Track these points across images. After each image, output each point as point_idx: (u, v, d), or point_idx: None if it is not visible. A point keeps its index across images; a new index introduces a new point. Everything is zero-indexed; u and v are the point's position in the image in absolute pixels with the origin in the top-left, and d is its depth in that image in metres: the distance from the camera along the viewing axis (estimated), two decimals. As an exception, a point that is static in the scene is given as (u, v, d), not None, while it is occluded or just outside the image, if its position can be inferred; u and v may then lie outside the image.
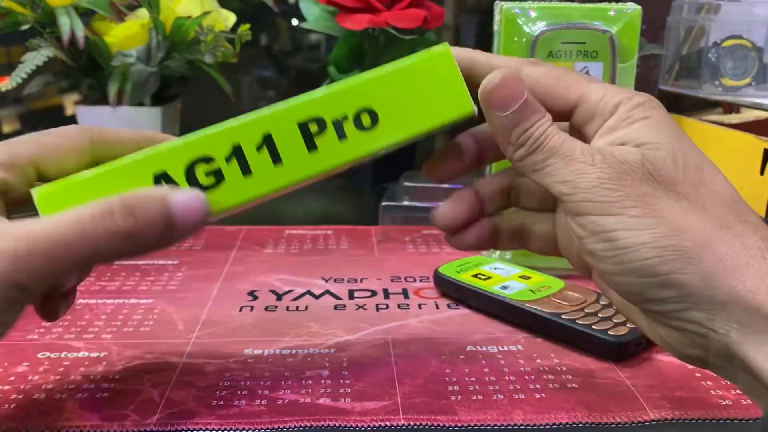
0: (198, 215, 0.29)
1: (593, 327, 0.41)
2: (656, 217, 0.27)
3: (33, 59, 0.72)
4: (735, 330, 0.26)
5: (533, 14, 0.50)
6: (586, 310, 0.43)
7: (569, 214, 0.29)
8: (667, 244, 0.27)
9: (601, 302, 0.44)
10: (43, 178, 0.31)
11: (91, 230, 0.27)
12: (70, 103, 1.01)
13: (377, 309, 0.47)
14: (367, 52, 0.79)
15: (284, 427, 0.33)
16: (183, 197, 0.29)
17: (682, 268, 0.26)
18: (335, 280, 0.52)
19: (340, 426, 0.33)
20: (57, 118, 1.03)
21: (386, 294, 0.50)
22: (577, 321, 0.41)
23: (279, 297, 0.49)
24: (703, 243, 0.26)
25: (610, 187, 0.28)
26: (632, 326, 0.41)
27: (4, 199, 0.30)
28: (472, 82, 0.31)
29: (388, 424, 0.33)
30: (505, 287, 0.46)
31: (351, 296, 0.50)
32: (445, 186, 0.77)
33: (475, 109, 0.32)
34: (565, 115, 0.31)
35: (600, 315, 0.42)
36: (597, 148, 0.29)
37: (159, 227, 0.28)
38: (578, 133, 0.31)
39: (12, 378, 0.38)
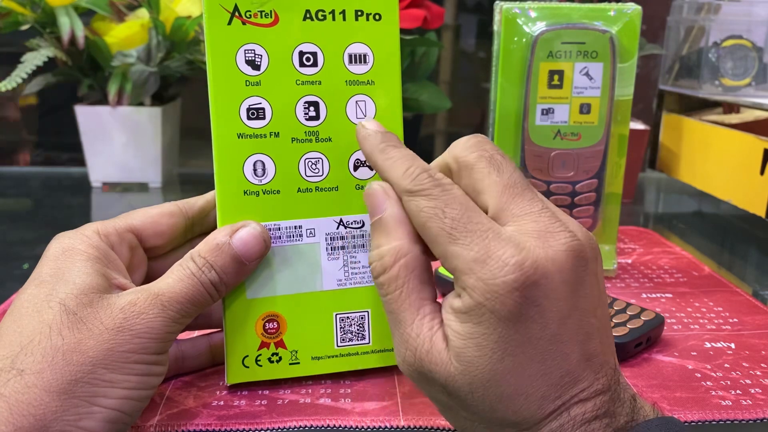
0: (259, 246, 0.33)
1: (593, 327, 0.41)
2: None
3: (33, 59, 0.72)
4: None
5: (533, 14, 0.50)
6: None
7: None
8: None
9: (601, 302, 0.44)
10: (144, 245, 0.35)
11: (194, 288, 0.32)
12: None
13: (377, 309, 0.47)
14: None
15: (284, 427, 0.33)
16: (240, 236, 0.33)
17: None
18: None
19: (340, 426, 0.33)
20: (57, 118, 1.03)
21: (386, 294, 0.50)
22: (577, 321, 0.41)
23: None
24: None
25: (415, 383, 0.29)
26: (632, 326, 0.41)
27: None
28: None
29: (387, 425, 0.33)
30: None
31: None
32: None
33: None
34: None
35: (600, 315, 0.42)
36: (424, 332, 0.28)
37: (235, 269, 0.33)
38: None
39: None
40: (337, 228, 0.36)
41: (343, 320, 0.37)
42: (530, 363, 0.26)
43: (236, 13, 0.33)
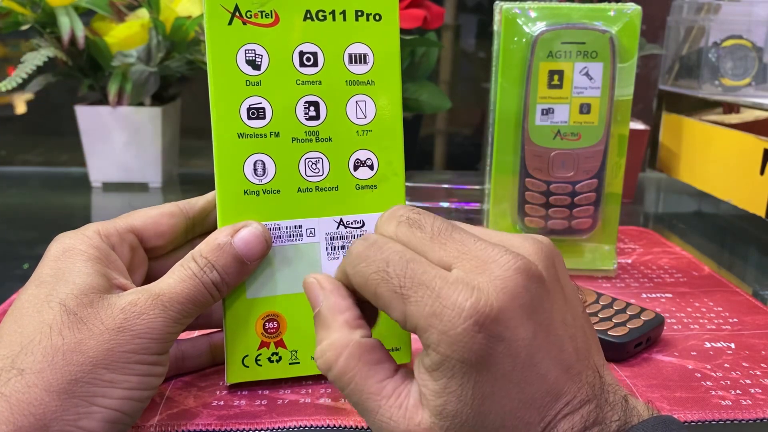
0: (260, 245, 0.34)
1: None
2: None
3: (33, 59, 0.72)
4: None
5: (533, 14, 0.50)
6: (586, 311, 0.43)
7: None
8: None
9: (601, 302, 0.44)
10: (145, 245, 0.35)
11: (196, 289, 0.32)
12: (21, 102, 0.99)
13: (377, 309, 0.47)
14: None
15: (284, 427, 0.33)
16: (241, 236, 0.33)
17: None
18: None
19: (340, 426, 0.33)
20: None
21: (386, 294, 0.50)
22: (577, 321, 0.41)
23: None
24: None
25: None
26: (632, 326, 0.41)
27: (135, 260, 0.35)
28: None
29: (388, 424, 0.33)
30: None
31: (351, 296, 0.49)
32: (446, 186, 0.77)
33: None
34: None
35: (600, 315, 0.42)
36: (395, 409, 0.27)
37: (237, 269, 0.33)
38: None
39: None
40: (337, 228, 0.36)
41: None
42: (509, 397, 0.25)
43: (237, 13, 0.33)
